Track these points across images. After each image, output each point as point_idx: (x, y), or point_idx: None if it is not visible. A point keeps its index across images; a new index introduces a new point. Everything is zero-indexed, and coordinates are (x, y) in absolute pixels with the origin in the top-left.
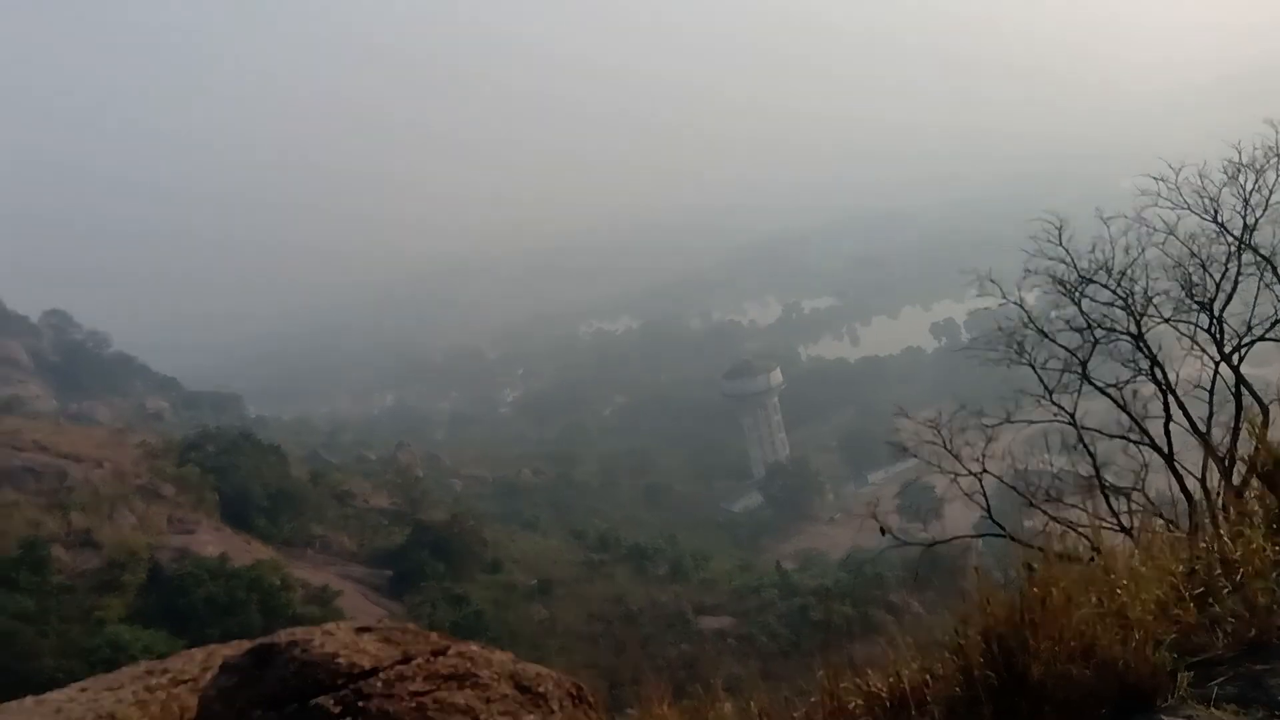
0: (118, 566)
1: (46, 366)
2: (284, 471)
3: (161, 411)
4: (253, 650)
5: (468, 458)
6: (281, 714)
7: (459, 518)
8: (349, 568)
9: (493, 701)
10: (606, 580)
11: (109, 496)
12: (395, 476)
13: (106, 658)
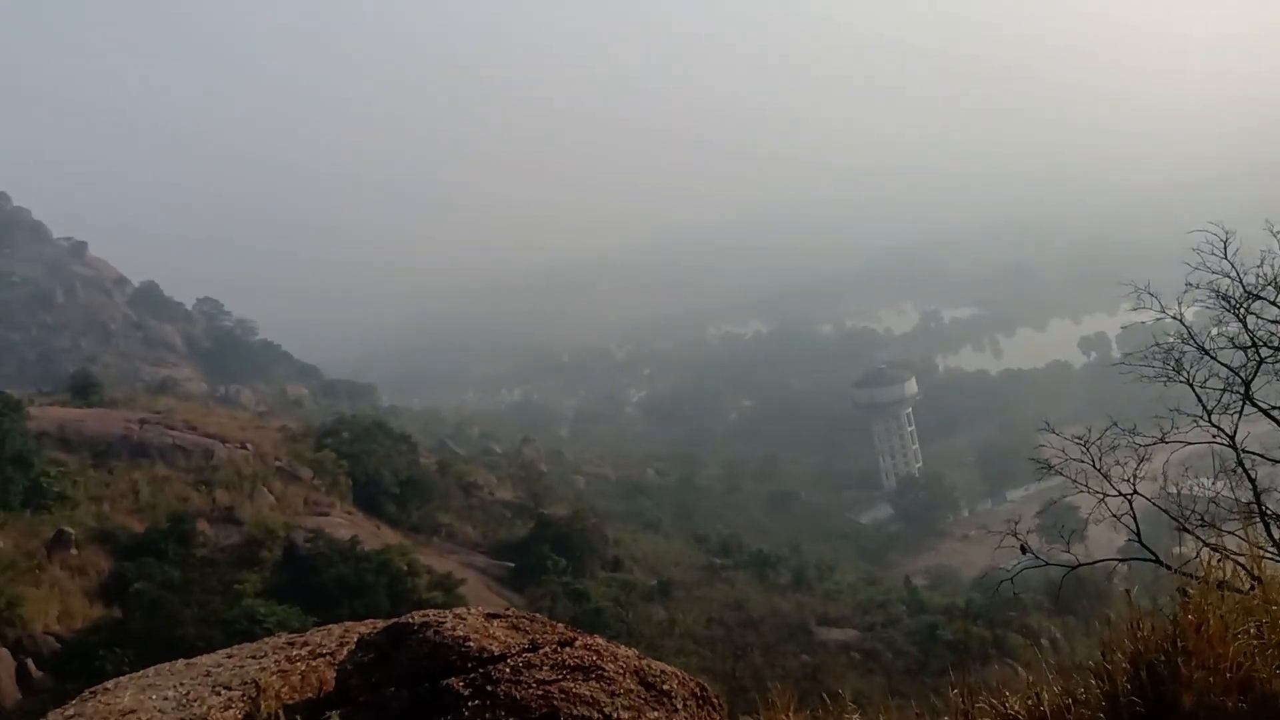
0: (256, 543)
1: (198, 351)
2: (413, 460)
3: (301, 398)
4: (388, 629)
5: (592, 455)
6: (414, 692)
7: (581, 514)
8: (472, 557)
9: (617, 695)
10: (727, 585)
11: (250, 476)
12: (520, 470)
13: (243, 629)
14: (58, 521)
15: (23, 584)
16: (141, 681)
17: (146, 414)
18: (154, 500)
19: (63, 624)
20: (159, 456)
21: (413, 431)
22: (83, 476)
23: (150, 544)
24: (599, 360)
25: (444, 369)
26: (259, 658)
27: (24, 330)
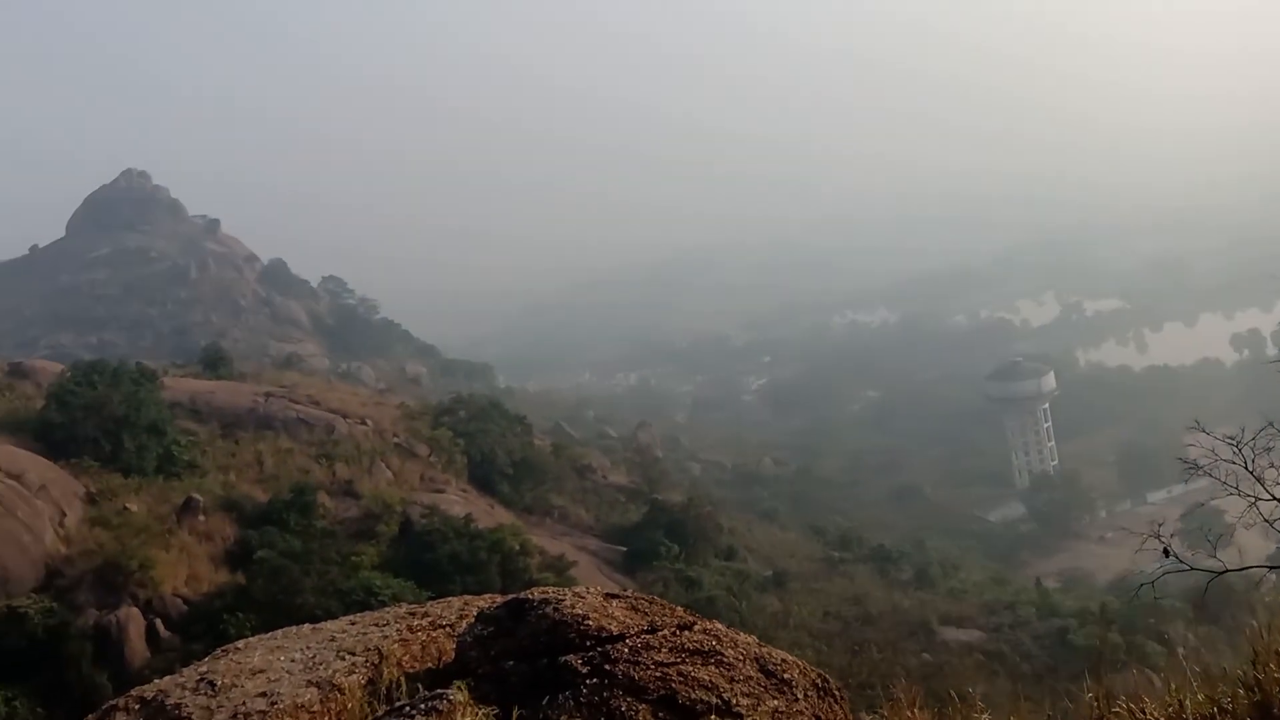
0: (373, 517)
1: (322, 328)
2: (528, 441)
3: (420, 376)
4: (507, 604)
5: (708, 442)
6: (532, 667)
7: (696, 501)
8: (585, 540)
9: (736, 682)
10: (845, 579)
11: (369, 451)
12: (635, 455)
13: (359, 600)
14: (187, 489)
15: (154, 547)
16: (270, 643)
17: (272, 388)
18: (277, 471)
19: (190, 587)
20: (283, 429)
21: (528, 413)
22: (211, 446)
23: (273, 513)
24: (717, 347)
25: (560, 352)
26: (381, 626)
27: (160, 305)
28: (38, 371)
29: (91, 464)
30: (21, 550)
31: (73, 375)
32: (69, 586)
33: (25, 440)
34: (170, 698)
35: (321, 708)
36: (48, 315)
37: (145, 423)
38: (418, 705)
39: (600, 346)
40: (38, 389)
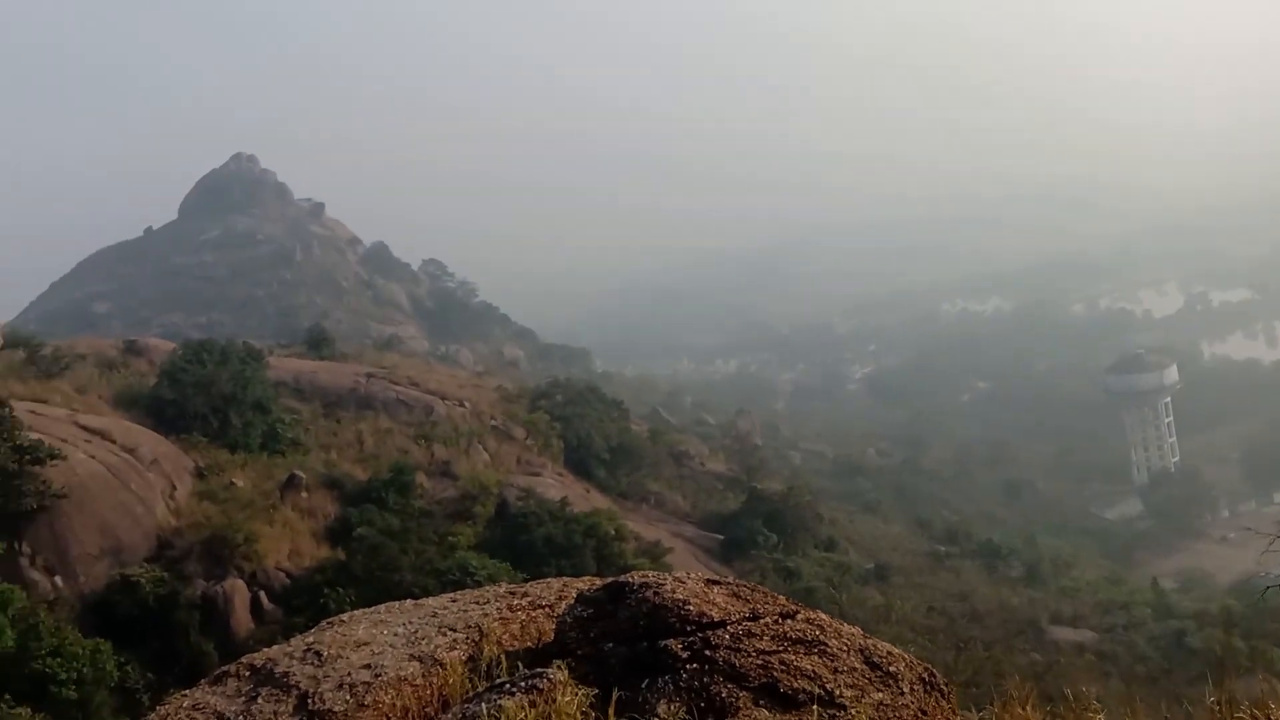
0: (470, 498)
1: (422, 310)
2: (625, 426)
3: (517, 359)
4: (607, 586)
5: (809, 431)
6: (632, 650)
7: (795, 490)
8: (681, 527)
9: (840, 673)
10: (951, 574)
11: (467, 433)
12: (733, 442)
13: (455, 579)
14: (291, 465)
15: (259, 522)
16: (373, 617)
17: (373, 369)
18: (377, 451)
19: (292, 561)
20: (383, 409)
21: (625, 398)
22: (314, 424)
23: (372, 492)
24: (820, 334)
25: (658, 337)
26: (482, 604)
27: (267, 286)
28: (151, 349)
29: (200, 439)
30: (135, 521)
31: (183, 354)
32: (178, 557)
33: (139, 415)
34: (279, 666)
35: (423, 681)
36: (160, 295)
37: (251, 400)
38: (518, 683)
39: (699, 332)
40: (151, 366)
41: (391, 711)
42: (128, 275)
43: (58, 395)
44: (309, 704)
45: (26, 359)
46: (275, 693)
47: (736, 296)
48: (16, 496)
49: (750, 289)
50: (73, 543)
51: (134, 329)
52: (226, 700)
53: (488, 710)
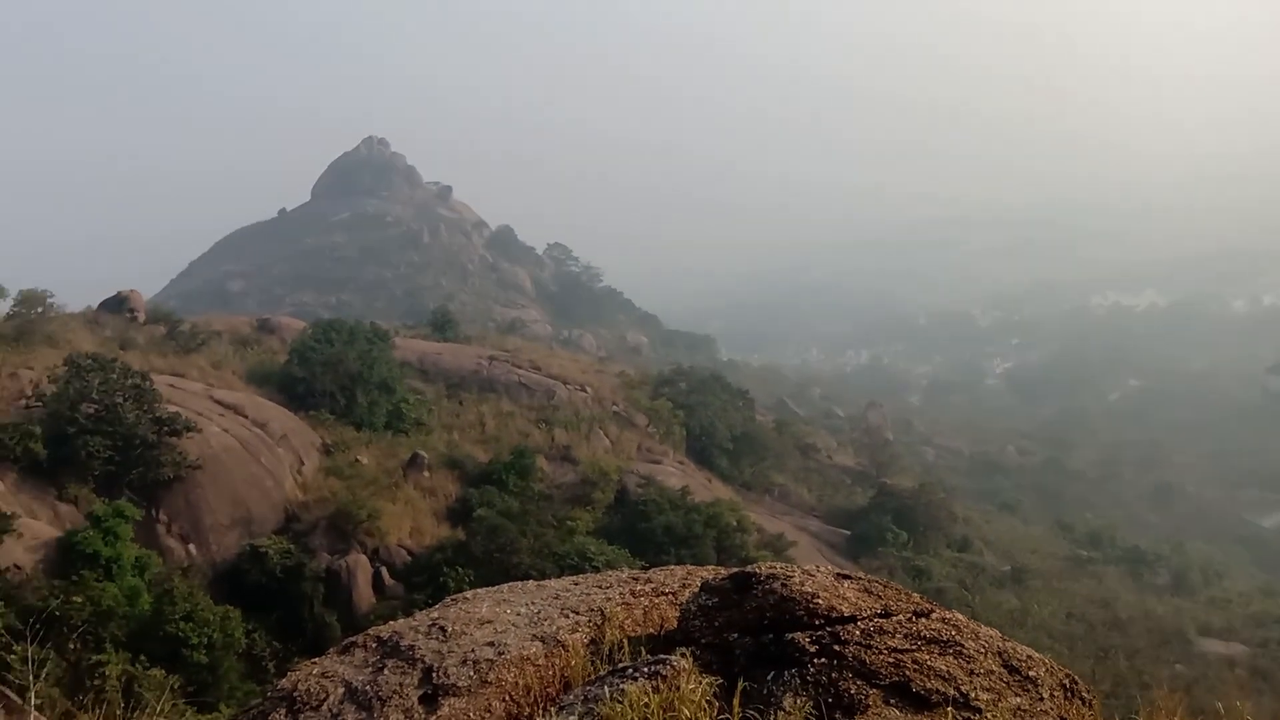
0: (589, 483)
1: (546, 294)
2: (750, 416)
3: (640, 346)
4: (733, 576)
5: (944, 426)
6: (757, 641)
7: (928, 487)
8: (805, 520)
9: (976, 675)
10: (1093, 580)
11: (588, 419)
12: (863, 436)
13: (573, 564)
14: (414, 445)
15: (382, 499)
16: (497, 595)
17: (496, 351)
18: (498, 433)
19: (413, 539)
20: (505, 392)
21: (750, 387)
22: (437, 405)
23: (493, 474)
24: (960, 326)
25: (786, 326)
26: (604, 588)
27: (394, 268)
28: (282, 328)
29: (327, 417)
30: (264, 494)
31: (313, 333)
32: (304, 531)
33: (270, 392)
34: (404, 639)
35: (546, 661)
36: (292, 275)
37: (377, 380)
38: (640, 668)
39: (829, 322)
40: (282, 344)
41: (514, 690)
42: (262, 255)
43: (195, 370)
44: (433, 677)
45: (166, 334)
46: (401, 665)
47: (871, 285)
48: (155, 466)
49: (886, 278)
50: (206, 512)
51: (267, 307)
52: (354, 670)
53: (610, 693)
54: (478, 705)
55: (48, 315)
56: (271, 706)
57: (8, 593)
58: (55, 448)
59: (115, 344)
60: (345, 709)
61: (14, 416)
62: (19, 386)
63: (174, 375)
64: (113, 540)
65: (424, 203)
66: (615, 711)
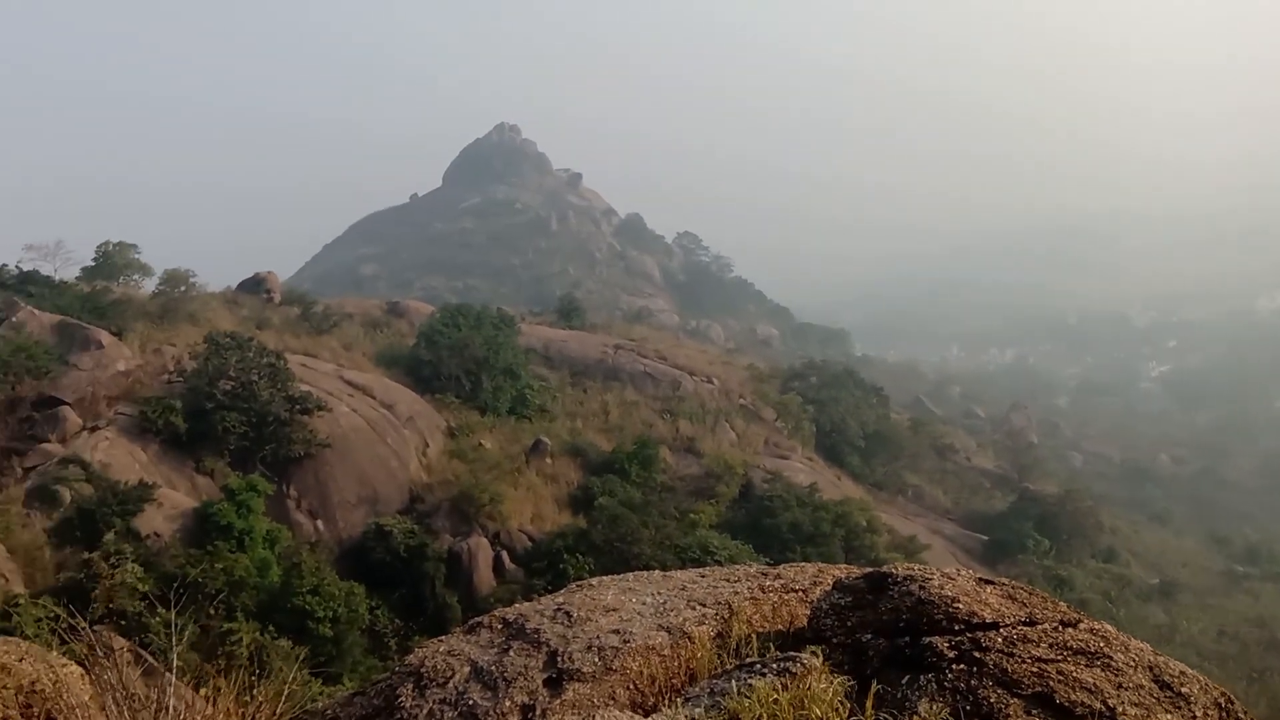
0: (713, 477)
1: (674, 284)
2: (884, 414)
3: (770, 338)
4: (868, 575)
5: (1093, 431)
6: (892, 643)
7: (1073, 494)
8: (940, 523)
9: (1125, 689)
10: (1249, 597)
11: (714, 411)
12: (1005, 438)
13: (695, 557)
14: (537, 431)
15: (504, 483)
16: (622, 584)
17: (621, 340)
18: (622, 422)
19: (534, 524)
20: (629, 382)
21: (885, 384)
22: (561, 392)
23: (616, 463)
24: (1114, 326)
25: (926, 322)
26: (732, 582)
27: (522, 254)
28: (411, 311)
29: (453, 400)
30: (390, 474)
31: (441, 317)
32: (428, 512)
33: (398, 374)
34: (530, 622)
35: (671, 652)
36: (422, 259)
37: (502, 365)
38: (769, 664)
39: (973, 318)
40: (410, 327)
41: (638, 678)
42: (393, 239)
43: (326, 351)
44: (558, 661)
45: (300, 315)
46: (526, 647)
47: (1018, 281)
48: (286, 443)
49: (1035, 274)
50: (334, 490)
51: (397, 291)
52: (480, 650)
53: (738, 687)
54: (602, 691)
55: (190, 294)
56: (399, 681)
57: (148, 559)
58: (194, 422)
59: (252, 323)
60: (471, 687)
61: (157, 391)
62: (162, 362)
63: (306, 355)
64: (245, 513)
65: (553, 190)
66: (743, 706)
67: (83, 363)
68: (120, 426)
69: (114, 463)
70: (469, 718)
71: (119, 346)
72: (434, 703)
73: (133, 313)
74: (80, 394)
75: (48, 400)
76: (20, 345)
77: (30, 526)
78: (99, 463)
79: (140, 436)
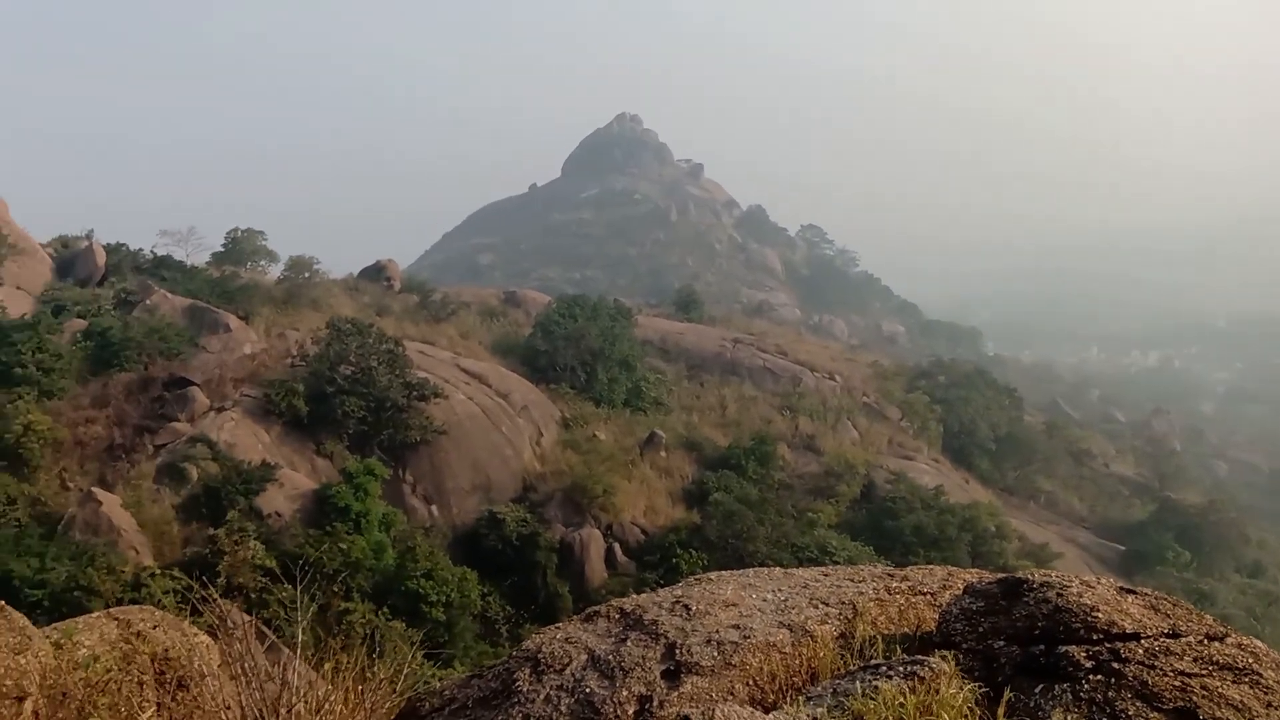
0: (834, 476)
1: (796, 277)
2: (1016, 416)
3: (897, 335)
4: (1002, 581)
5: (1241, 439)
6: (1025, 650)
7: (1218, 504)
8: (1073, 531)
9: (1274, 708)
10: None
11: (836, 408)
12: (1145, 444)
13: (812, 557)
14: (651, 424)
15: (618, 476)
16: (742, 580)
17: (740, 334)
18: (739, 417)
19: (647, 518)
20: (748, 376)
21: (1019, 385)
22: (677, 386)
23: (732, 458)
24: (1266, 329)
25: (1064, 322)
26: (857, 582)
27: (640, 245)
28: (527, 301)
29: (567, 390)
30: (504, 463)
31: (557, 307)
32: (540, 501)
33: (513, 363)
34: (648, 613)
35: (792, 650)
36: (539, 249)
37: (618, 357)
38: (895, 666)
39: (1114, 319)
40: (527, 317)
41: (758, 675)
42: (511, 229)
43: (444, 338)
44: (676, 654)
45: (419, 303)
46: (644, 638)
47: (1163, 282)
48: (403, 428)
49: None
50: (448, 476)
51: (514, 280)
52: (597, 639)
53: (862, 689)
54: (720, 686)
55: (313, 280)
56: (517, 665)
57: (269, 538)
58: (315, 405)
59: (372, 310)
60: (588, 675)
61: (280, 374)
62: (286, 346)
63: (424, 343)
64: (363, 496)
65: (673, 180)
66: (867, 708)
67: (211, 345)
68: (245, 408)
69: (239, 443)
70: (586, 705)
71: (245, 330)
72: (551, 688)
73: (259, 297)
74: (208, 375)
75: (178, 380)
76: (154, 327)
77: (160, 502)
78: (224, 442)
79: (264, 418)
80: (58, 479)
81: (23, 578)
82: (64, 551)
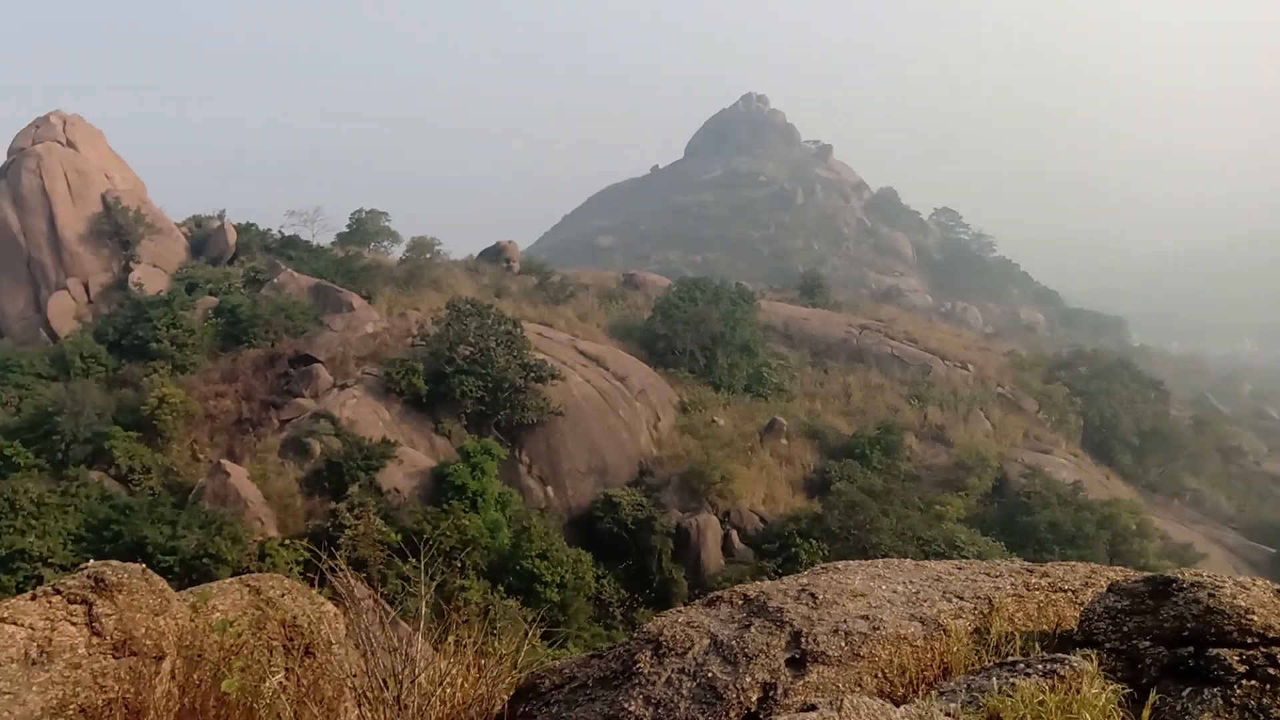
0: (964, 468)
1: (928, 262)
2: (1162, 410)
3: (1035, 324)
4: (1149, 580)
5: None
6: (1172, 652)
7: None
8: (1221, 532)
9: None
10: None
11: (967, 399)
12: None
13: (939, 551)
14: (772, 410)
15: (736, 462)
16: (870, 570)
17: (868, 320)
18: (864, 406)
19: (766, 506)
20: (874, 364)
21: (1165, 378)
22: (800, 372)
23: (856, 447)
24: None
25: (1216, 313)
26: (993, 577)
27: (763, 228)
28: (647, 284)
29: (686, 375)
30: (619, 446)
31: (677, 290)
32: (657, 485)
33: (632, 346)
34: (772, 600)
35: (924, 644)
36: (660, 232)
37: (739, 342)
38: (1034, 664)
39: (1269, 309)
40: (646, 300)
41: (887, 667)
42: (632, 211)
43: (562, 321)
44: (801, 642)
45: (538, 285)
46: (768, 625)
47: None
48: (520, 409)
49: None
50: (564, 458)
51: (633, 263)
52: (720, 624)
53: (998, 686)
54: (847, 677)
55: (434, 261)
56: (638, 647)
57: (388, 513)
58: (434, 384)
59: (491, 291)
60: (710, 660)
61: (401, 353)
62: (407, 326)
63: (542, 324)
64: (479, 475)
65: (800, 162)
66: (1004, 705)
67: (335, 324)
68: (367, 385)
69: (360, 420)
70: (708, 689)
71: (368, 309)
72: (672, 671)
73: (381, 277)
74: (332, 353)
75: (303, 357)
76: (281, 305)
77: (284, 475)
78: (346, 419)
79: (384, 396)
80: (189, 450)
81: (155, 544)
82: (194, 520)
